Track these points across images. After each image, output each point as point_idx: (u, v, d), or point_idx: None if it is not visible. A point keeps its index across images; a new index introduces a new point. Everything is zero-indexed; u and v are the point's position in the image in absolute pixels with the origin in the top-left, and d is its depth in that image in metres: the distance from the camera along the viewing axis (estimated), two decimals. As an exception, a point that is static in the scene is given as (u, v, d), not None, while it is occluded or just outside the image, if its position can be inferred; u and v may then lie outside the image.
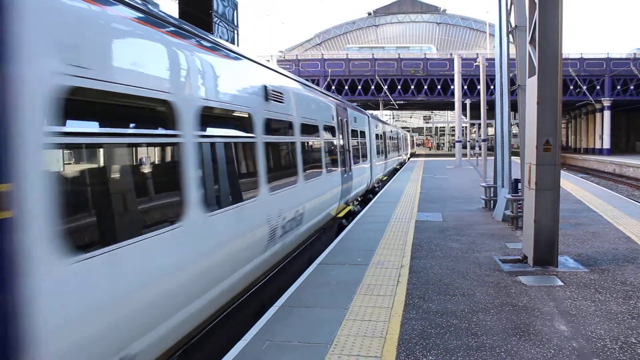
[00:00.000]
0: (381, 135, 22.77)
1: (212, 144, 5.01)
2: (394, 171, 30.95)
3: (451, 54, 47.62)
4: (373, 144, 18.93)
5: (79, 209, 3.26)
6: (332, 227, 11.46)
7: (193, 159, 4.42)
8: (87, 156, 3.40)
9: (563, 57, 8.02)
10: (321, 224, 10.04)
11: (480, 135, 34.90)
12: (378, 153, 20.70)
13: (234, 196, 5.53)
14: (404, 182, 22.67)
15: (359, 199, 15.98)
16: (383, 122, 25.42)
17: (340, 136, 12.31)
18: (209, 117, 4.89)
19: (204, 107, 4.70)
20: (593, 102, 48.61)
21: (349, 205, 13.38)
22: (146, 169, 3.95)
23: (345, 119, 13.18)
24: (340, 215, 12.05)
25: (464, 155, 42.22)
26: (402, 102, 51.05)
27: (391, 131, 29.80)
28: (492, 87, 35.12)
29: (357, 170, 14.41)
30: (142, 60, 3.84)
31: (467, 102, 41.44)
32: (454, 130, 47.47)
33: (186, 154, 4.32)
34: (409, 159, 49.66)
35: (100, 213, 3.38)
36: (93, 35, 3.28)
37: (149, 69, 3.90)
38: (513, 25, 11.09)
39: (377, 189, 20.56)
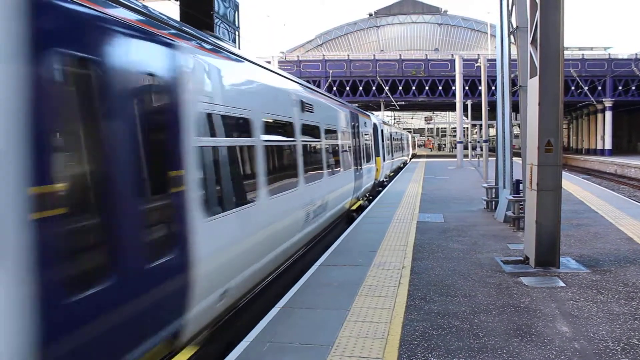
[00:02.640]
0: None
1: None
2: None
3: (452, 55, 47.57)
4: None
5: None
6: None
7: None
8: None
9: (564, 58, 8.01)
10: None
11: (481, 136, 34.88)
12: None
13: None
14: (406, 182, 22.66)
15: None
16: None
17: None
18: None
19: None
20: (594, 102, 48.52)
21: None
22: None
23: None
24: None
25: (466, 156, 42.19)
26: (403, 103, 51.00)
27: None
28: (493, 88, 35.06)
29: None
30: None
31: (469, 103, 41.41)
32: (455, 131, 47.42)
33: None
34: (410, 159, 49.67)
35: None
36: None
37: None
38: (514, 25, 11.08)
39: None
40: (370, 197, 17.85)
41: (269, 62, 7.75)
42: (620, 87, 47.82)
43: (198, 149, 4.57)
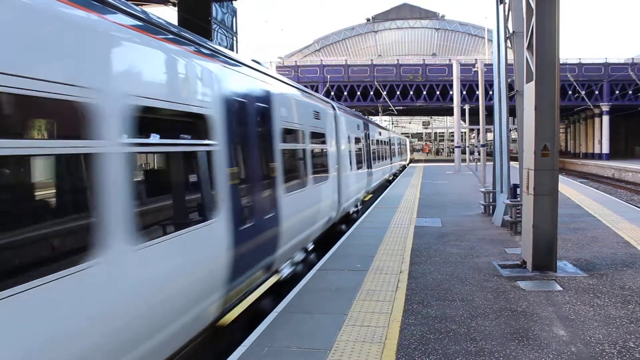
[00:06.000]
0: None
1: None
2: None
3: (450, 60, 47.73)
4: None
5: None
6: None
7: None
8: None
9: (561, 62, 8.07)
10: None
11: (479, 141, 34.94)
12: None
13: None
14: (404, 187, 22.69)
15: None
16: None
17: None
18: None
19: None
20: (592, 107, 48.70)
21: None
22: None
23: None
24: None
25: (463, 160, 42.27)
26: (401, 107, 51.11)
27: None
28: (490, 92, 35.10)
29: None
30: None
31: (466, 107, 41.48)
32: (453, 136, 47.50)
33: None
34: (408, 164, 49.77)
35: None
36: None
37: None
38: (511, 31, 11.14)
39: None
40: None
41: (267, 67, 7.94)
42: (617, 92, 48.06)
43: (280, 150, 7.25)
